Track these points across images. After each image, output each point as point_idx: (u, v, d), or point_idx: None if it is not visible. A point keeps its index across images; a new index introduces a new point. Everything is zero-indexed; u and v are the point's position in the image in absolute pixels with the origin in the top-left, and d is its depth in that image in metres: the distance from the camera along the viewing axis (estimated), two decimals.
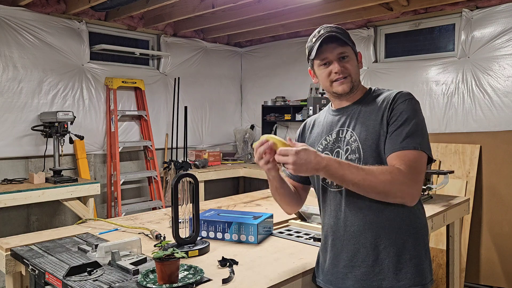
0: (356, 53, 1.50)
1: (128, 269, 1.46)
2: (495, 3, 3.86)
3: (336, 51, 1.44)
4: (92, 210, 3.92)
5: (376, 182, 1.28)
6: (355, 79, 1.47)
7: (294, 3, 4.08)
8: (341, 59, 1.45)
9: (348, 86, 1.46)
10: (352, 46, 1.47)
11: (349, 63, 1.45)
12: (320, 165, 1.26)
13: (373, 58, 4.72)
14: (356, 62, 1.48)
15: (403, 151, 1.32)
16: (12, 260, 1.75)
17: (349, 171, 1.28)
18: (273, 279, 1.43)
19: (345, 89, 1.46)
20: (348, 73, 1.45)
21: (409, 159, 1.32)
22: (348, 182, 1.29)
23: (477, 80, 3.97)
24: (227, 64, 6.01)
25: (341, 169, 1.28)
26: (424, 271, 1.40)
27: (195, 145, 5.61)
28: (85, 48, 4.48)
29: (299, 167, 1.25)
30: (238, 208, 2.56)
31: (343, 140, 1.45)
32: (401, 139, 1.33)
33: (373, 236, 1.38)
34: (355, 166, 1.30)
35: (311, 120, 1.66)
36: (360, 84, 1.51)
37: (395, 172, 1.29)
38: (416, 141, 1.33)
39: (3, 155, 3.96)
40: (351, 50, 1.46)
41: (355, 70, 1.47)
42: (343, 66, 1.44)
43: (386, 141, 1.36)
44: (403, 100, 1.38)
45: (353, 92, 1.48)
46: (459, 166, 3.81)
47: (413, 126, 1.35)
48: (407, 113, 1.36)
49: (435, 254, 3.63)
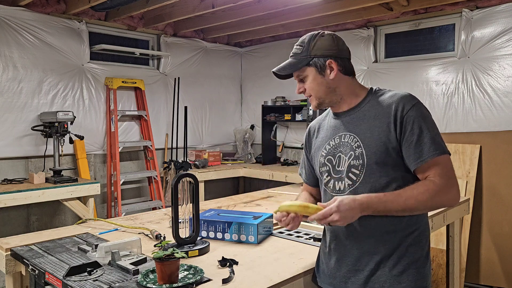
0: (322, 65, 1.42)
1: (128, 269, 1.46)
2: (495, 3, 3.86)
3: (295, 75, 1.49)
4: (92, 210, 3.92)
5: (417, 204, 1.31)
6: (319, 96, 1.46)
7: (294, 3, 4.08)
8: (301, 81, 1.49)
9: (314, 104, 1.49)
10: (309, 63, 1.43)
11: (307, 84, 1.47)
12: (362, 206, 1.30)
13: (373, 58, 4.72)
14: (318, 78, 1.43)
15: (431, 159, 1.32)
16: (12, 260, 1.75)
17: (390, 203, 1.31)
18: (273, 279, 1.43)
19: (314, 106, 1.50)
20: (309, 94, 1.48)
21: (441, 166, 1.33)
22: (392, 211, 1.33)
23: (477, 80, 3.97)
24: (227, 64, 6.01)
25: (382, 203, 1.31)
26: (425, 274, 1.40)
27: (195, 145, 5.61)
28: (85, 48, 4.48)
29: (346, 220, 1.29)
30: (238, 208, 2.57)
31: (346, 144, 1.44)
32: (426, 149, 1.33)
33: (376, 241, 1.38)
34: (393, 194, 1.32)
35: (315, 124, 1.64)
36: (341, 92, 1.46)
37: (431, 186, 1.31)
38: (439, 147, 1.34)
39: (3, 155, 3.96)
40: (308, 69, 1.44)
41: (316, 88, 1.45)
42: (302, 88, 1.49)
43: (407, 152, 1.35)
44: (410, 107, 1.35)
45: (324, 106, 1.49)
46: (459, 166, 3.81)
47: (431, 131, 1.34)
48: (419, 121, 1.34)
49: (435, 254, 3.62)
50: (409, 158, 1.35)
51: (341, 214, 1.27)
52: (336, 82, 1.44)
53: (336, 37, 1.46)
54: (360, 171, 1.39)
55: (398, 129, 1.35)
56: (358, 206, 1.29)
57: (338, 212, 1.27)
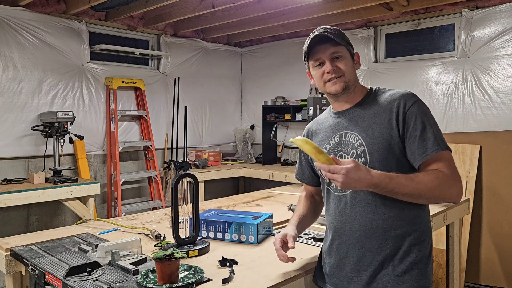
0: (353, 54, 1.48)
1: (128, 269, 1.46)
2: (495, 3, 3.86)
3: (329, 51, 1.43)
4: (92, 210, 3.92)
5: (426, 190, 1.30)
6: (349, 79, 1.45)
7: (294, 3, 4.08)
8: (335, 59, 1.44)
9: (341, 86, 1.44)
10: (347, 46, 1.45)
11: (342, 63, 1.44)
12: (370, 182, 1.26)
13: (373, 58, 4.72)
14: (351, 62, 1.46)
15: (436, 154, 1.33)
16: (12, 260, 1.75)
17: (400, 184, 1.29)
18: (273, 279, 1.43)
19: (337, 89, 1.44)
20: (342, 73, 1.43)
21: (446, 160, 1.34)
22: (399, 194, 1.31)
23: (477, 80, 3.97)
24: (227, 64, 6.01)
25: (392, 183, 1.28)
26: (428, 274, 1.40)
27: (195, 145, 5.61)
28: (85, 48, 4.48)
29: (347, 186, 1.24)
30: (238, 208, 2.57)
31: (348, 143, 1.43)
32: (430, 143, 1.33)
33: (378, 240, 1.38)
34: (404, 176, 1.31)
35: (312, 125, 1.63)
36: (357, 84, 1.49)
37: (441, 176, 1.31)
38: (442, 142, 1.35)
39: (3, 155, 3.96)
40: (345, 49, 1.45)
41: (349, 70, 1.45)
42: (335, 66, 1.43)
43: (411, 147, 1.35)
44: (412, 103, 1.37)
45: (347, 92, 1.46)
46: (459, 166, 3.81)
47: (433, 127, 1.36)
48: (421, 117, 1.36)
49: (435, 254, 3.62)
50: (413, 153, 1.35)
51: (345, 179, 1.22)
52: (356, 74, 1.50)
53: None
54: None
55: (400, 125, 1.36)
56: (367, 181, 1.25)
57: (345, 175, 1.21)
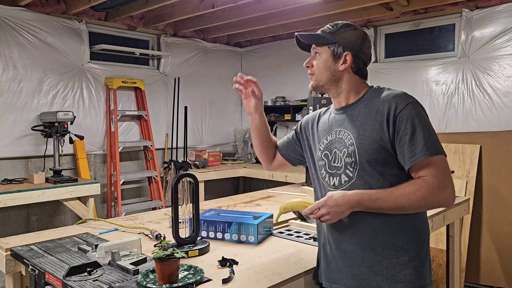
0: (337, 53, 1.44)
1: (128, 269, 1.46)
2: (495, 3, 3.86)
3: (312, 48, 1.50)
4: (92, 210, 3.92)
5: (408, 203, 1.30)
6: (320, 78, 1.47)
7: (294, 3, 4.08)
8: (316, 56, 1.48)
9: (312, 84, 1.50)
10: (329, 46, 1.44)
11: (317, 61, 1.47)
12: (351, 203, 1.32)
13: (373, 58, 4.71)
14: (326, 63, 1.45)
15: (424, 159, 1.30)
16: (12, 260, 1.75)
17: (381, 200, 1.31)
18: (273, 279, 1.43)
19: (311, 86, 1.51)
20: (312, 72, 1.49)
21: (435, 166, 1.31)
22: (384, 209, 1.33)
23: (477, 80, 3.97)
24: (227, 64, 6.00)
25: (373, 200, 1.32)
26: (424, 273, 1.39)
27: (195, 145, 5.61)
28: (85, 48, 4.48)
29: (335, 215, 1.32)
30: (238, 208, 2.56)
31: (340, 141, 1.44)
32: (419, 148, 1.30)
33: (372, 237, 1.38)
34: (384, 191, 1.32)
35: (314, 116, 1.63)
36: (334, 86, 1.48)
37: (424, 186, 1.29)
38: (432, 147, 1.30)
39: (3, 155, 3.96)
40: (324, 49, 1.45)
41: (319, 70, 1.47)
42: (310, 63, 1.49)
43: (401, 151, 1.33)
44: (404, 106, 1.33)
45: (319, 90, 1.50)
46: (459, 166, 3.81)
47: (424, 131, 1.31)
48: (412, 120, 1.32)
49: (435, 254, 3.62)
50: (403, 157, 1.33)
51: (328, 209, 1.31)
52: (342, 74, 1.46)
53: (367, 39, 1.48)
54: (353, 168, 1.39)
55: (391, 128, 1.34)
56: (346, 202, 1.31)
57: (326, 206, 1.32)
